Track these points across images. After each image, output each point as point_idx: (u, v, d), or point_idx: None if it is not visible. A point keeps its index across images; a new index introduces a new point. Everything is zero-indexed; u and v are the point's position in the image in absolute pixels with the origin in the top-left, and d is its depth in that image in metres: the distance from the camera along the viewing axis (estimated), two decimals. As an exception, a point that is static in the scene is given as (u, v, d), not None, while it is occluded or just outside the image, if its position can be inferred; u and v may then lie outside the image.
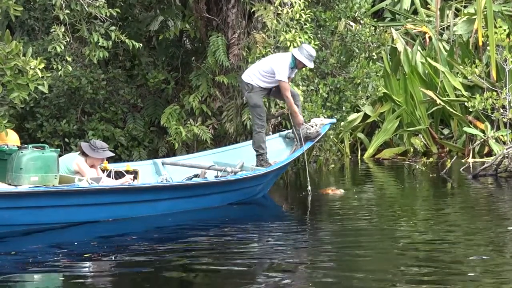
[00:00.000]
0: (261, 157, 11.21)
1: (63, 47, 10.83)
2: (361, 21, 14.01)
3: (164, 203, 10.02)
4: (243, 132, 12.96)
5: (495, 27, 15.63)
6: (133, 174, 10.46)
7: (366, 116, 17.12)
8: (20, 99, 9.59)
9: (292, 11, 12.36)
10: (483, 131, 15.62)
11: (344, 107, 13.46)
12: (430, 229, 9.29)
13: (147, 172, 11.11)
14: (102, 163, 10.22)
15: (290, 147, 11.83)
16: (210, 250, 8.29)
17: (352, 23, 14.12)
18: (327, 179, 13.76)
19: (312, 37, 12.50)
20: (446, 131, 17.70)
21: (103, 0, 10.81)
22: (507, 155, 13.68)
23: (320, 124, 11.59)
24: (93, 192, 9.38)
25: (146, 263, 7.62)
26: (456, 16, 19.16)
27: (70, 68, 11.40)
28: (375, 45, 14.04)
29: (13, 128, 10.20)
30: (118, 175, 10.24)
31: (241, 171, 10.95)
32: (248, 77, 11.18)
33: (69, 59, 11.31)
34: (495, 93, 15.15)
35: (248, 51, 12.74)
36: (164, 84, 14.00)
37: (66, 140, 13.32)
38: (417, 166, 14.48)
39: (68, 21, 10.84)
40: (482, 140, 15.58)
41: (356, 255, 7.99)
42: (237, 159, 11.28)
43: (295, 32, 12.18)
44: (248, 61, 12.41)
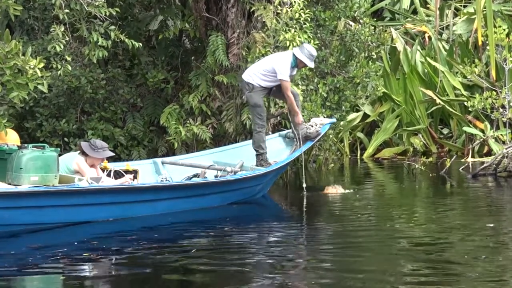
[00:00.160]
0: (261, 157, 11.19)
1: (63, 47, 10.82)
2: (361, 21, 14.01)
3: (164, 203, 10.01)
4: (243, 132, 12.96)
5: (495, 27, 15.62)
6: (133, 174, 10.46)
7: (366, 116, 17.11)
8: (20, 99, 9.58)
9: (292, 11, 12.35)
10: (483, 131, 15.61)
11: (344, 107, 13.45)
12: (430, 229, 9.29)
13: (147, 172, 11.10)
14: (102, 163, 10.21)
15: (290, 147, 11.81)
16: (210, 250, 8.29)
17: (352, 23, 14.12)
18: (327, 179, 13.76)
19: (312, 37, 12.50)
20: (446, 131, 17.70)
21: (103, 0, 10.80)
22: (507, 155, 13.67)
23: (320, 124, 11.58)
24: (93, 192, 9.38)
25: (146, 263, 7.62)
26: (456, 16, 19.17)
27: (70, 68, 11.39)
28: (375, 45, 14.03)
29: (13, 128, 10.19)
30: (118, 175, 10.23)
31: (241, 171, 10.95)
32: (249, 77, 11.17)
33: (69, 59, 11.31)
34: (495, 93, 15.14)
35: (248, 51, 12.73)
36: (164, 84, 13.99)
37: (66, 140, 13.32)
38: (417, 166, 14.46)
39: (68, 21, 10.83)
40: (482, 140, 15.57)
41: (356, 255, 7.98)
42: (237, 159, 11.27)
43: (295, 32, 12.17)
44: (248, 61, 12.41)
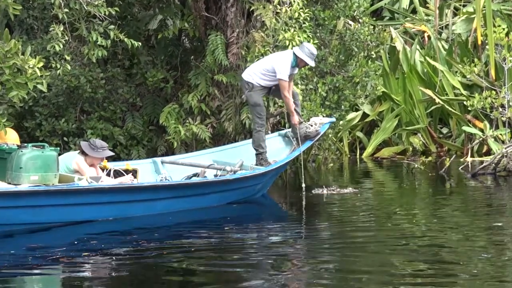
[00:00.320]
0: (261, 156, 11.19)
1: (62, 46, 10.82)
2: (360, 20, 14.00)
3: (164, 202, 10.00)
4: (242, 131, 12.95)
5: (494, 26, 15.60)
6: (131, 173, 10.45)
7: (365, 115, 17.11)
8: (19, 98, 9.59)
9: (291, 10, 12.35)
10: (482, 130, 15.60)
11: (343, 106, 13.45)
12: (429, 228, 9.28)
13: (147, 171, 11.10)
14: (102, 162, 10.21)
15: (289, 146, 11.80)
16: (210, 249, 8.28)
17: (351, 22, 14.11)
18: (326, 178, 13.75)
19: (311, 36, 12.50)
20: (445, 130, 17.70)
21: (102, -1, 10.82)
22: (506, 154, 13.68)
23: (320, 123, 11.57)
24: (93, 191, 9.38)
25: (146, 262, 7.62)
26: (455, 15, 19.16)
27: (69, 67, 11.39)
28: (374, 44, 14.03)
29: (12, 127, 10.18)
30: (118, 174, 10.23)
31: (241, 170, 10.95)
32: (249, 76, 11.16)
33: (68, 58, 11.31)
34: (494, 92, 15.13)
35: (247, 50, 12.73)
36: (163, 83, 13.99)
37: (65, 139, 13.33)
38: (416, 165, 14.47)
39: (67, 20, 10.83)
40: (481, 139, 15.56)
41: (355, 254, 7.98)
42: (237, 158, 11.26)
43: (294, 31, 12.17)
44: (247, 60, 12.40)
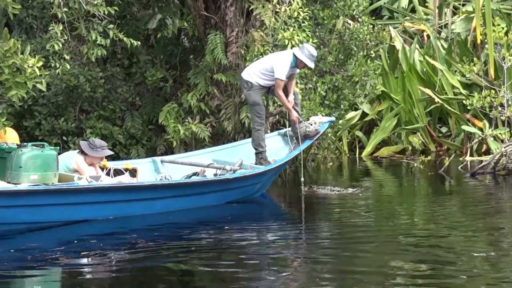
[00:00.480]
0: (260, 155, 11.19)
1: (61, 45, 10.82)
2: (359, 19, 14.01)
3: (163, 202, 10.00)
4: (241, 130, 12.95)
5: (493, 25, 15.62)
6: (131, 172, 10.45)
7: (364, 114, 17.12)
8: (18, 97, 9.59)
9: (290, 9, 12.34)
10: (481, 129, 15.63)
11: (342, 105, 13.45)
12: (429, 227, 9.29)
13: (146, 170, 11.10)
14: (101, 161, 10.20)
15: (289, 145, 11.81)
16: (209, 249, 8.28)
17: (350, 21, 14.11)
18: (325, 177, 13.76)
19: (310, 35, 12.49)
20: (444, 129, 17.71)
21: (101, -2, 10.82)
22: (505, 153, 13.69)
23: (319, 122, 11.58)
24: (92, 191, 9.37)
25: (145, 261, 7.62)
26: (454, 14, 19.18)
27: (68, 66, 11.37)
28: (373, 43, 14.04)
29: (11, 126, 10.19)
30: (118, 173, 10.22)
31: (240, 169, 10.95)
32: (248, 75, 11.16)
33: (67, 57, 11.29)
34: (493, 91, 15.14)
35: (246, 49, 12.73)
36: (162, 82, 13.98)
37: (64, 138, 13.33)
38: (415, 164, 14.47)
39: (66, 19, 10.83)
40: (480, 138, 15.58)
41: (355, 253, 7.99)
42: (236, 157, 11.27)
43: (293, 30, 12.17)
44: (246, 59, 12.40)
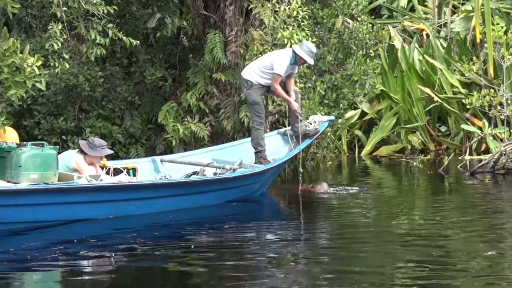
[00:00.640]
0: (260, 154, 11.18)
1: (61, 45, 10.81)
2: (359, 18, 14.01)
3: (163, 201, 9.99)
4: (241, 129, 12.95)
5: (493, 24, 15.61)
6: (129, 171, 10.44)
7: (364, 114, 17.11)
8: (18, 97, 9.59)
9: (290, 8, 12.34)
10: (481, 129, 15.62)
11: (342, 105, 13.45)
12: (428, 226, 9.29)
13: (146, 170, 11.09)
14: (101, 161, 10.20)
15: (289, 145, 11.80)
16: (209, 248, 8.29)
17: (350, 21, 14.11)
18: (324, 176, 13.75)
19: (310, 35, 12.48)
20: (444, 128, 17.71)
21: (100, -2, 10.81)
22: (504, 152, 13.68)
23: (319, 121, 11.58)
24: (92, 190, 9.36)
25: (145, 261, 7.62)
26: (454, 13, 19.18)
27: (67, 66, 11.36)
28: (373, 43, 14.04)
29: (11, 126, 10.18)
30: (117, 172, 10.22)
31: (240, 169, 10.94)
32: (248, 74, 11.15)
33: (67, 57, 11.29)
34: (493, 90, 15.13)
35: (246, 49, 12.72)
36: (162, 82, 13.98)
37: (64, 138, 13.31)
38: (415, 164, 14.47)
39: (66, 19, 10.82)
40: (480, 137, 15.57)
41: (354, 252, 7.99)
42: (236, 157, 11.26)
43: (293, 30, 12.16)
44: (246, 59, 12.40)
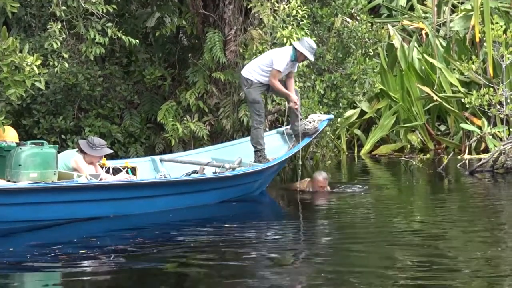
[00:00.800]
0: (259, 153, 11.17)
1: (60, 44, 10.83)
2: (358, 18, 14.03)
3: (163, 199, 9.98)
4: (240, 129, 12.96)
5: (492, 23, 15.62)
6: (128, 171, 10.44)
7: (363, 113, 17.12)
8: (17, 96, 9.59)
9: (289, 8, 12.35)
10: (480, 128, 15.63)
11: (341, 104, 13.46)
12: (427, 225, 9.29)
13: (145, 169, 11.09)
14: (101, 160, 10.20)
15: (288, 143, 11.81)
16: (209, 247, 8.28)
17: (349, 20, 14.14)
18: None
19: (309, 34, 12.49)
20: (443, 128, 17.71)
21: (100, -3, 10.82)
22: (504, 152, 13.68)
23: (318, 120, 11.57)
24: (92, 188, 9.36)
25: (145, 260, 7.62)
26: (453, 12, 19.18)
27: (67, 65, 11.38)
28: (372, 42, 14.04)
29: (10, 125, 10.19)
30: (117, 172, 10.23)
31: (239, 167, 10.94)
32: (248, 73, 11.14)
33: (66, 56, 11.30)
34: (492, 89, 15.15)
35: (245, 48, 12.73)
36: (161, 81, 13.99)
37: (63, 137, 13.33)
38: (414, 163, 14.47)
39: (65, 18, 10.84)
40: (479, 137, 15.58)
41: (354, 251, 7.99)
42: (235, 156, 11.26)
43: (292, 29, 12.17)
44: (245, 58, 12.40)
